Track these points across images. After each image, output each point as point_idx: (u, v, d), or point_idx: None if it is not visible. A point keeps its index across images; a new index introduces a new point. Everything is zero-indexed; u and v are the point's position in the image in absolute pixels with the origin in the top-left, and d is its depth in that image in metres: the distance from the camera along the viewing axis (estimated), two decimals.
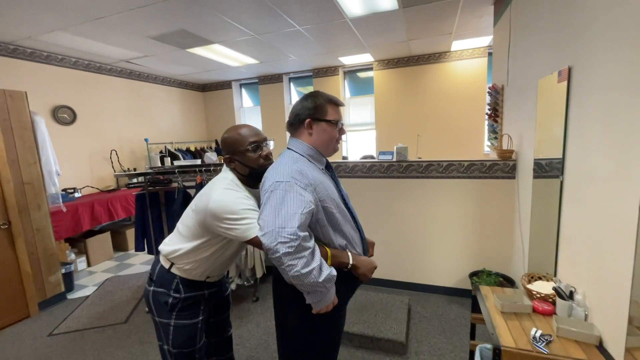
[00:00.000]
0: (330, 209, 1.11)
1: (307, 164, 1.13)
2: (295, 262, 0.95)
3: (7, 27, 3.12)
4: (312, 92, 1.20)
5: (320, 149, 1.18)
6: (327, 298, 1.06)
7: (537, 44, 1.97)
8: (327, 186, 1.13)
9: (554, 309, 1.44)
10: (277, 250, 0.94)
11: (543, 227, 1.90)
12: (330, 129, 1.17)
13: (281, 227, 0.95)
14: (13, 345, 2.37)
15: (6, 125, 2.66)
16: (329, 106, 1.17)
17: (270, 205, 0.99)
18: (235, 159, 1.23)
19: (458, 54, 4.80)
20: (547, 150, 1.83)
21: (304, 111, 1.16)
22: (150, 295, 1.28)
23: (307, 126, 1.16)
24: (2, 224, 2.61)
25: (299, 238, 0.96)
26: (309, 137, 1.17)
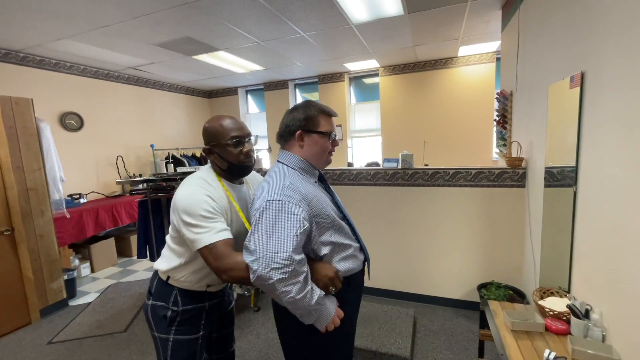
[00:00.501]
0: (324, 223, 1.06)
1: (299, 178, 1.08)
2: (290, 288, 0.90)
3: (17, 35, 3.17)
4: (303, 102, 1.15)
5: (312, 161, 1.13)
6: (326, 314, 1.00)
7: (547, 48, 1.90)
8: (321, 199, 1.08)
9: (568, 328, 1.35)
10: (270, 277, 0.88)
11: (555, 239, 1.82)
12: (323, 141, 1.12)
13: (274, 252, 0.89)
14: (12, 353, 2.35)
15: (12, 132, 2.68)
16: (321, 117, 1.12)
17: (262, 228, 0.93)
18: (214, 151, 1.17)
19: (465, 59, 4.74)
20: (559, 158, 1.75)
21: (295, 122, 1.10)
22: (148, 309, 1.21)
23: (298, 138, 1.11)
24: (6, 230, 2.62)
25: (293, 263, 0.90)
26: (300, 150, 1.12)
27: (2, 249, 2.62)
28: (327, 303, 1.01)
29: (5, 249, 2.64)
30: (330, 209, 1.09)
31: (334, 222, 1.08)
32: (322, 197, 1.09)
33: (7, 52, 3.54)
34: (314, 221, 1.03)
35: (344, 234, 1.12)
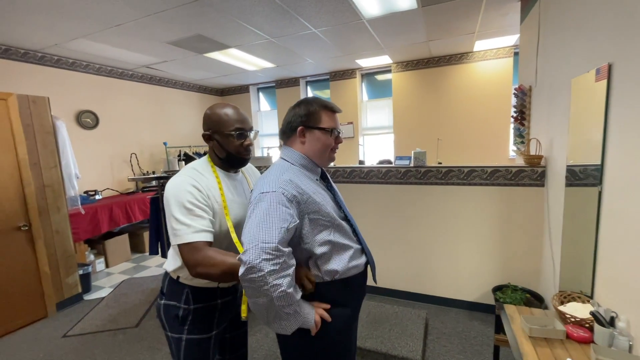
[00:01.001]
0: (322, 221, 1.03)
1: (299, 174, 1.06)
2: (281, 281, 0.87)
3: (36, 36, 3.25)
4: (305, 98, 1.12)
5: (314, 158, 1.11)
6: (307, 312, 0.97)
7: (570, 40, 1.80)
8: (321, 197, 1.05)
9: (591, 336, 1.27)
10: (261, 269, 0.84)
11: (577, 241, 1.72)
12: (325, 138, 1.09)
13: (264, 242, 0.86)
14: (29, 346, 2.41)
15: (29, 129, 2.74)
16: (324, 112, 1.08)
17: (254, 219, 0.92)
18: (215, 138, 1.16)
19: (481, 54, 4.59)
20: (582, 155, 1.66)
21: (296, 118, 1.08)
22: (161, 309, 1.19)
23: (300, 134, 1.09)
24: (23, 225, 2.68)
25: (283, 254, 0.88)
26: (302, 146, 1.10)
27: (20, 244, 2.69)
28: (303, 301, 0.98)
29: (23, 244, 2.71)
30: (329, 208, 1.06)
31: (333, 221, 1.05)
32: (322, 195, 1.07)
33: (26, 51, 3.63)
34: (309, 218, 1.01)
35: (343, 234, 1.08)
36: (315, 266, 1.04)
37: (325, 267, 1.03)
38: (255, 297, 0.89)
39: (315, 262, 1.04)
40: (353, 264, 1.08)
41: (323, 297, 1.04)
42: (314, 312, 1.00)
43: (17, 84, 3.51)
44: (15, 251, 2.64)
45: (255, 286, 0.86)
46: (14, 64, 3.54)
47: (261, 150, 6.58)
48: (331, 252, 1.04)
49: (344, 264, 1.05)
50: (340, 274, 1.05)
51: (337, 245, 1.05)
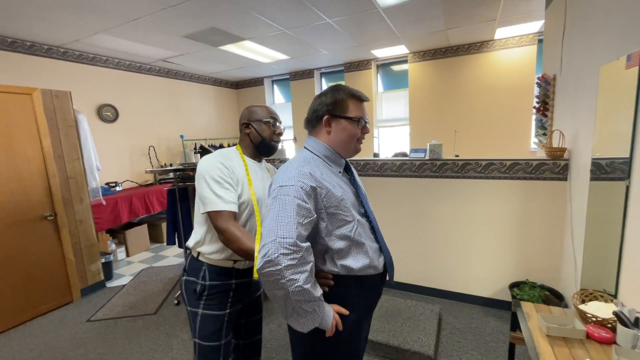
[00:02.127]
0: (342, 216, 1.00)
1: (322, 166, 1.03)
2: (297, 277, 0.86)
3: (57, 32, 3.35)
4: (332, 86, 1.08)
5: (339, 149, 1.08)
6: (327, 311, 0.96)
7: (599, 25, 1.69)
8: (342, 192, 1.02)
9: (613, 337, 1.22)
10: (279, 263, 0.84)
11: (602, 238, 1.65)
12: (351, 127, 1.05)
13: (282, 237, 0.86)
14: (56, 329, 2.54)
15: (52, 123, 2.84)
16: (351, 101, 1.05)
17: (272, 213, 0.91)
18: (252, 126, 1.32)
19: (502, 42, 4.40)
20: (608, 148, 1.57)
21: (322, 107, 1.06)
22: (183, 284, 1.32)
23: (325, 124, 1.06)
24: (49, 215, 2.81)
25: (301, 249, 0.87)
26: (327, 136, 1.07)
27: (47, 232, 2.82)
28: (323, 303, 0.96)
29: (50, 232, 2.84)
30: (349, 203, 1.03)
31: (352, 217, 1.02)
32: (343, 189, 1.04)
33: (49, 47, 3.75)
34: (328, 213, 0.98)
35: (362, 231, 1.05)
36: (331, 260, 1.02)
37: (341, 262, 1.02)
38: (273, 290, 0.89)
39: (332, 257, 1.02)
40: (370, 263, 1.05)
41: (337, 291, 1.02)
42: (332, 314, 0.98)
43: (40, 79, 3.64)
44: (42, 240, 2.78)
45: (272, 279, 0.87)
46: (38, 59, 3.67)
47: None
48: (348, 249, 1.02)
49: (360, 262, 1.03)
50: (355, 271, 1.03)
51: (355, 242, 1.02)
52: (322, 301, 0.95)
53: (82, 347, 2.29)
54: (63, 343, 2.35)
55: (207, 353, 1.26)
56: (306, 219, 0.91)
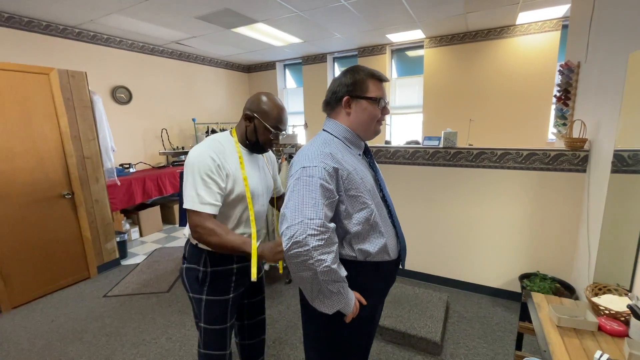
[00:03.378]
0: (362, 199, 0.99)
1: (342, 148, 1.02)
2: (325, 257, 0.87)
3: (73, 11, 3.35)
4: (352, 67, 1.06)
5: (359, 131, 1.06)
6: (350, 297, 0.97)
7: (631, 10, 1.61)
8: (362, 174, 1.01)
9: (626, 329, 1.21)
10: (307, 243, 0.85)
11: (619, 231, 1.61)
12: (372, 108, 1.04)
13: (309, 218, 0.86)
14: (75, 302, 2.66)
15: (69, 103, 2.89)
16: (371, 81, 1.03)
17: (297, 195, 0.91)
18: (254, 122, 1.25)
19: (524, 27, 4.23)
20: (633, 139, 1.52)
21: (342, 88, 1.04)
22: (183, 273, 1.31)
23: (345, 105, 1.04)
24: (67, 193, 2.89)
25: (328, 230, 0.88)
26: (347, 118, 1.05)
27: (65, 211, 2.91)
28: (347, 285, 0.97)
29: (68, 211, 2.93)
30: (369, 186, 1.02)
31: (371, 200, 1.01)
32: (363, 172, 1.03)
33: (64, 27, 3.77)
34: (348, 195, 0.98)
35: (380, 216, 1.04)
36: (349, 245, 1.02)
37: (358, 246, 1.02)
38: (300, 272, 0.90)
39: (350, 241, 1.02)
40: (386, 248, 1.05)
41: (353, 276, 1.01)
42: (355, 300, 0.99)
43: (56, 59, 3.68)
44: (60, 217, 2.87)
45: (299, 260, 0.87)
46: (54, 39, 3.70)
47: (288, 128, 6.58)
48: (367, 232, 1.02)
49: (377, 246, 1.03)
50: (372, 256, 1.03)
51: (373, 226, 1.02)
52: (346, 283, 0.96)
53: (99, 321, 2.39)
54: (82, 316, 2.46)
55: (214, 336, 1.30)
56: (329, 199, 0.92)
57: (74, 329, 2.30)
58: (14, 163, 2.55)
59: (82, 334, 2.24)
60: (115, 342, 2.15)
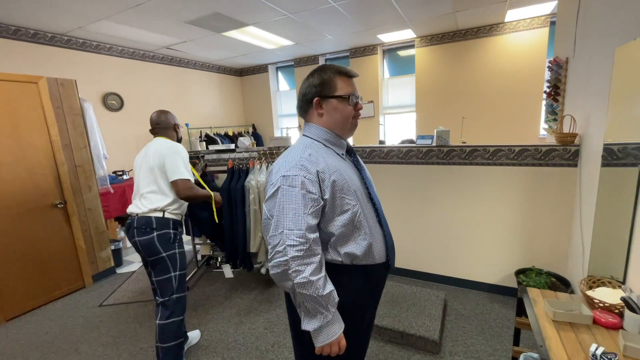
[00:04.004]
0: (346, 201, 0.98)
1: (323, 150, 1.01)
2: (304, 268, 0.87)
3: (61, 19, 3.32)
4: (319, 67, 1.04)
5: (336, 130, 1.05)
6: (332, 330, 0.92)
7: (616, 5, 1.63)
8: (346, 175, 1.00)
9: (620, 322, 1.22)
10: (286, 253, 0.86)
11: (611, 224, 1.63)
12: (343, 106, 1.02)
13: (289, 228, 0.87)
14: (70, 313, 2.62)
15: (59, 111, 2.86)
16: (338, 79, 1.01)
17: (278, 205, 0.91)
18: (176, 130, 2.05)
19: (513, 25, 4.27)
20: (622, 133, 1.53)
21: (310, 89, 1.02)
22: (155, 240, 1.73)
23: (316, 106, 1.03)
24: (59, 202, 2.85)
25: (308, 241, 0.88)
26: (320, 119, 1.04)
27: (58, 220, 2.87)
28: (337, 320, 0.94)
29: (60, 220, 2.89)
30: (354, 186, 1.01)
31: (357, 200, 1.00)
32: (347, 172, 1.01)
33: (53, 35, 3.73)
34: (333, 197, 0.96)
35: (366, 216, 1.02)
36: (334, 249, 1.00)
37: (344, 249, 0.99)
38: (283, 281, 0.90)
39: (335, 245, 1.00)
40: (372, 249, 1.03)
41: (342, 282, 0.99)
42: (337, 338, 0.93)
43: (45, 68, 3.64)
44: (53, 227, 2.83)
45: (280, 271, 0.88)
46: (42, 47, 3.66)
47: (280, 131, 6.58)
48: (351, 233, 0.99)
49: (363, 248, 1.00)
50: (359, 259, 1.01)
51: (357, 227, 1.00)
52: (330, 313, 0.91)
53: (95, 331, 2.36)
54: (77, 326, 2.42)
55: (183, 279, 1.84)
56: (313, 207, 0.91)
57: (70, 340, 2.27)
58: (3, 174, 2.52)
59: (78, 344, 2.21)
60: (112, 351, 2.12)
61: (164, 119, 1.94)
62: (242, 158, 2.79)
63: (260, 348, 2.08)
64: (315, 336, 0.93)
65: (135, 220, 1.76)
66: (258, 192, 2.50)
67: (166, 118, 1.94)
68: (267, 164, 2.70)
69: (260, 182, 2.50)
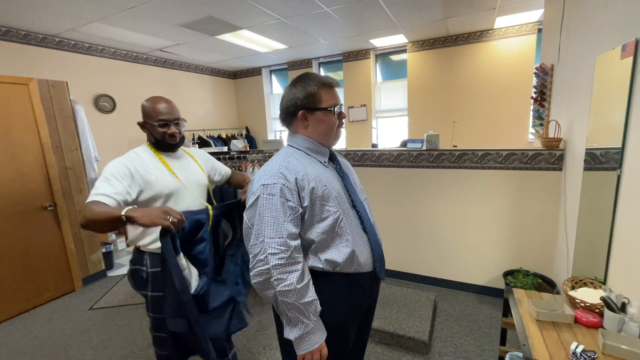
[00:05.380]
0: (326, 207, 0.97)
1: (304, 159, 1.02)
2: (285, 276, 0.88)
3: (52, 20, 3.30)
4: (300, 77, 1.05)
5: (321, 140, 1.07)
6: (313, 338, 0.92)
7: (596, 14, 1.69)
8: (326, 182, 1.00)
9: (600, 321, 1.26)
10: (267, 262, 0.87)
11: (593, 226, 1.68)
12: (328, 118, 1.04)
13: (269, 237, 0.89)
14: (59, 316, 2.59)
15: (50, 113, 2.84)
16: (323, 91, 1.01)
17: (258, 214, 0.92)
18: (147, 127, 1.42)
19: (502, 31, 4.37)
20: (602, 138, 1.59)
21: (295, 102, 1.02)
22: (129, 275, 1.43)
23: (302, 118, 1.03)
24: (49, 205, 2.83)
25: (289, 249, 0.89)
26: (305, 130, 1.05)
27: (48, 223, 2.84)
28: (318, 328, 0.94)
29: (50, 223, 2.86)
30: (335, 193, 1.00)
31: (337, 207, 0.99)
32: (328, 180, 1.02)
33: (44, 36, 3.70)
34: (312, 205, 0.96)
35: (347, 223, 1.01)
36: (315, 255, 0.99)
37: (324, 255, 0.98)
38: (264, 290, 0.92)
39: (315, 251, 0.99)
40: (355, 257, 1.01)
41: (322, 288, 0.97)
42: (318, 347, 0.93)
43: (36, 69, 3.60)
44: (43, 230, 2.80)
45: (262, 279, 0.90)
46: (33, 49, 3.63)
47: (274, 133, 6.60)
48: (332, 240, 0.98)
49: (344, 255, 0.98)
50: (341, 266, 0.99)
51: (339, 234, 0.99)
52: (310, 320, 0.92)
53: (85, 334, 2.34)
54: (66, 330, 2.40)
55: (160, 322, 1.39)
56: (292, 215, 0.92)
57: (59, 344, 2.25)
58: None
59: (67, 349, 2.19)
60: (102, 355, 2.11)
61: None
62: (234, 160, 2.80)
63: (252, 350, 2.08)
64: (297, 345, 0.93)
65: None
66: None
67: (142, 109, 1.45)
68: (260, 166, 2.72)
69: None
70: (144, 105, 1.41)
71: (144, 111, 1.41)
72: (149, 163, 1.37)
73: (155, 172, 1.35)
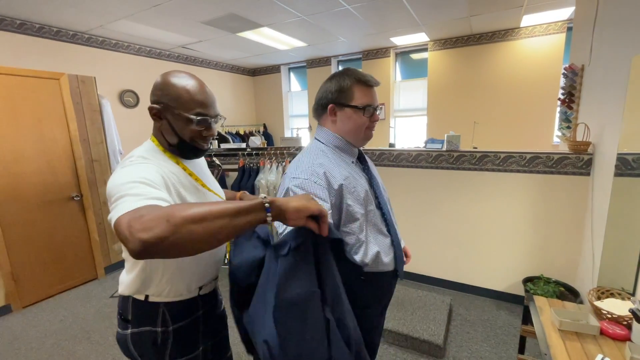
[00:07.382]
0: (353, 209, 0.96)
1: (334, 157, 1.01)
2: None
3: (83, 18, 3.43)
4: (339, 71, 1.03)
5: (348, 137, 1.04)
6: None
7: (634, 13, 1.61)
8: (355, 183, 0.99)
9: (628, 334, 1.21)
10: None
11: (623, 235, 1.61)
12: (357, 116, 1.00)
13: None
14: (82, 302, 2.71)
15: (78, 107, 2.96)
16: (357, 87, 0.98)
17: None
18: (166, 117, 0.90)
19: (529, 30, 4.22)
20: (636, 142, 1.51)
21: (327, 95, 1.01)
22: (128, 341, 0.93)
23: (330, 113, 1.02)
24: (76, 195, 2.95)
25: None
26: (334, 126, 1.04)
27: (74, 212, 2.97)
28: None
29: (76, 212, 2.99)
30: (363, 194, 0.99)
31: (364, 208, 0.98)
32: (356, 180, 1.00)
33: (74, 33, 3.85)
34: (341, 204, 0.95)
35: (374, 224, 1.00)
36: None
37: (351, 256, 0.97)
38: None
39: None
40: (380, 257, 1.00)
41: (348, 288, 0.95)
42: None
43: (66, 65, 3.75)
44: (70, 219, 2.93)
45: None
46: (64, 45, 3.77)
47: (291, 131, 6.63)
48: (359, 242, 0.97)
49: (371, 256, 0.98)
50: (369, 267, 0.98)
51: (367, 235, 0.98)
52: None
53: (107, 320, 2.43)
54: (89, 316, 2.50)
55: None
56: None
57: (82, 328, 2.35)
58: (26, 166, 2.62)
59: (90, 333, 2.29)
60: None
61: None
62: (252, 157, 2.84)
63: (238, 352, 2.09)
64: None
65: None
66: (267, 192, 2.54)
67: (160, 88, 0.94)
68: (278, 163, 2.74)
69: (270, 182, 2.55)
70: (171, 83, 0.90)
71: (168, 92, 0.90)
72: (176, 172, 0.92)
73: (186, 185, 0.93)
